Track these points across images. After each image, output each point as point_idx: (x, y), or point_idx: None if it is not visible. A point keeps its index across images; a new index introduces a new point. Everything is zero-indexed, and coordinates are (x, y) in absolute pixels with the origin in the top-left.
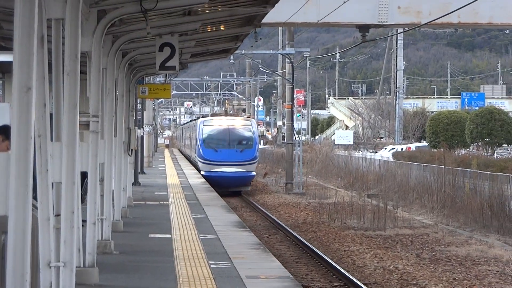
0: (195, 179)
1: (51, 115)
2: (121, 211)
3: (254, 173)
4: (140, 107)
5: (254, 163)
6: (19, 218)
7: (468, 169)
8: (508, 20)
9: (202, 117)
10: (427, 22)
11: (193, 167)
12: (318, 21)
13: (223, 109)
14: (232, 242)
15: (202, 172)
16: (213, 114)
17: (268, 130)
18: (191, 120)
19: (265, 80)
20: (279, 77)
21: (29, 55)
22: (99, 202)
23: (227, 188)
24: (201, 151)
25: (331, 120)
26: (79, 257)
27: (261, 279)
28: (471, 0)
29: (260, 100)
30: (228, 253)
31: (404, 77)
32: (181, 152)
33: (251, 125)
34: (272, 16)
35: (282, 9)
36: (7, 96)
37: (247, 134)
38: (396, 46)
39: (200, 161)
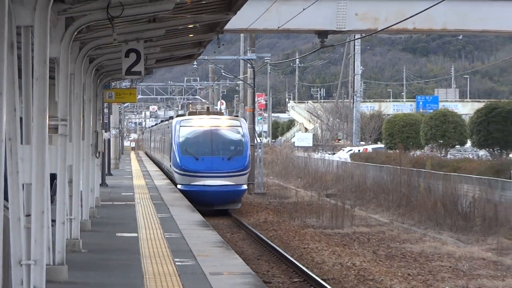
0: (161, 180)
1: (21, 119)
2: (89, 211)
3: (245, 186)
4: (107, 111)
5: (245, 174)
6: None
7: (423, 170)
8: (461, 26)
9: (178, 116)
10: (384, 28)
11: (159, 170)
12: (278, 27)
13: (204, 107)
14: (196, 240)
15: (179, 186)
16: (192, 113)
17: None
18: (161, 121)
19: (228, 84)
20: (241, 81)
21: (1, 61)
22: (68, 202)
23: (212, 206)
24: (177, 159)
25: (291, 123)
26: (49, 255)
27: (224, 275)
28: (426, 7)
29: (222, 104)
30: (192, 251)
31: (361, 81)
32: (149, 157)
33: (241, 126)
34: (234, 22)
35: (244, 16)
36: None
37: (236, 137)
38: (354, 51)
39: (176, 172)
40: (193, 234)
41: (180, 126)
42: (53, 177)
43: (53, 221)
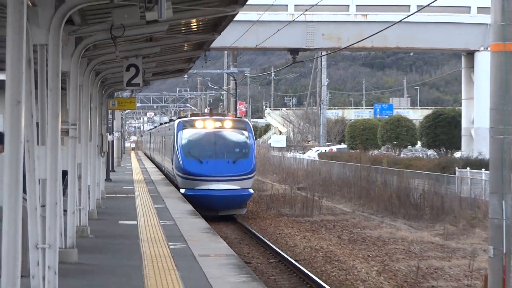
0: (157, 176)
1: (37, 123)
2: (96, 202)
3: (251, 190)
4: (111, 117)
5: (251, 177)
6: (11, 208)
7: (380, 166)
8: (412, 44)
9: (179, 118)
10: (346, 47)
11: (155, 167)
12: (256, 45)
13: (207, 109)
14: (187, 227)
15: (182, 190)
16: (194, 114)
17: None
18: (161, 124)
19: (213, 94)
20: (225, 92)
21: (18, 74)
22: (77, 195)
23: (216, 211)
24: (180, 162)
25: (267, 127)
26: (61, 240)
27: (211, 257)
28: (382, 29)
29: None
30: (183, 236)
31: (327, 91)
32: (147, 156)
33: (246, 128)
34: (219, 42)
35: (227, 36)
36: (0, 108)
37: (241, 139)
38: (321, 66)
39: (179, 176)
40: (185, 221)
41: (183, 128)
42: (64, 173)
43: (65, 211)
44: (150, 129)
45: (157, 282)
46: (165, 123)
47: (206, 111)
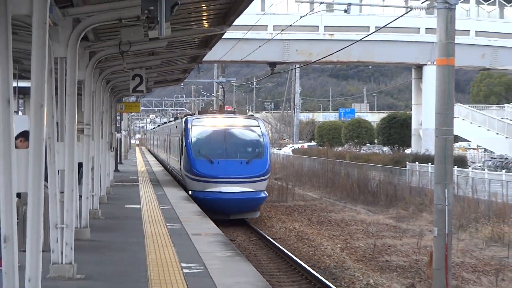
0: (157, 167)
1: (57, 123)
2: (106, 189)
3: (265, 193)
4: (119, 118)
5: (265, 179)
6: (35, 194)
7: (343, 160)
8: (370, 59)
9: (187, 115)
10: (316, 60)
11: (155, 160)
12: (241, 59)
13: (215, 105)
14: (182, 210)
15: (191, 192)
16: (202, 112)
17: None
18: (164, 123)
19: (205, 99)
20: (214, 97)
21: (41, 82)
22: (91, 183)
23: (227, 214)
24: (189, 162)
25: None
26: (76, 221)
27: (202, 235)
28: (346, 46)
29: None
30: (179, 218)
31: (300, 97)
32: (150, 152)
33: (259, 126)
34: (210, 56)
35: (217, 51)
36: (26, 110)
37: (255, 138)
38: (294, 76)
39: (188, 177)
40: (180, 206)
41: (192, 126)
42: (80, 165)
43: (80, 196)
44: (153, 128)
45: (156, 256)
46: (170, 121)
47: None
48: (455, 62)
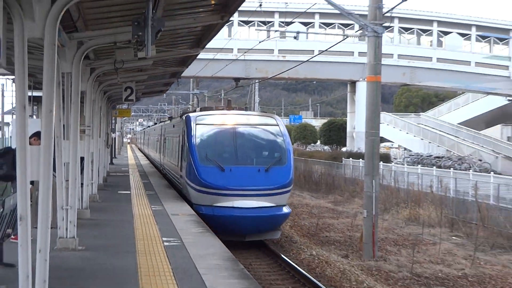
0: (144, 161)
1: (64, 125)
2: (103, 178)
3: (288, 209)
4: (114, 121)
5: (288, 191)
6: (45, 182)
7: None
8: (315, 76)
9: (186, 112)
10: (271, 77)
11: (143, 156)
12: (212, 75)
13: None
14: (164, 195)
15: (197, 207)
16: (206, 108)
17: None
18: (160, 121)
19: (183, 107)
20: (190, 106)
21: (51, 92)
22: (91, 173)
23: (243, 235)
24: (194, 170)
25: None
26: (79, 203)
27: (179, 215)
28: (294, 66)
29: None
30: (161, 201)
31: (258, 106)
32: (139, 149)
33: (278, 125)
34: (187, 72)
35: (193, 68)
36: (39, 115)
37: (274, 140)
38: (254, 89)
39: (192, 187)
40: (162, 191)
41: (196, 124)
42: (82, 159)
43: (82, 184)
44: (143, 129)
45: (143, 231)
46: (164, 120)
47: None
48: (382, 79)
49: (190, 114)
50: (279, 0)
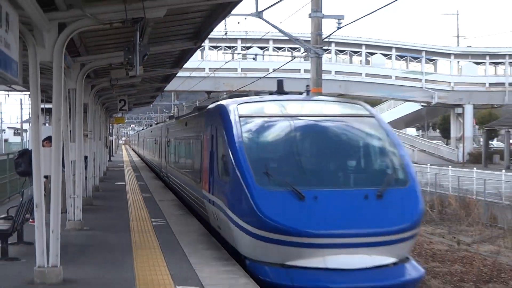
0: (136, 158)
1: (70, 131)
2: (103, 172)
3: (416, 267)
4: (111, 127)
5: (416, 233)
6: (56, 176)
7: None
8: (270, 89)
9: (218, 101)
10: (235, 90)
11: (135, 154)
12: (189, 89)
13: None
14: (152, 185)
15: (250, 262)
16: (235, 95)
17: None
18: (165, 121)
19: (167, 115)
20: (171, 115)
21: (59, 105)
22: (93, 168)
23: None
24: (247, 196)
25: None
26: (84, 192)
27: (165, 201)
28: (254, 81)
29: None
30: (150, 190)
31: None
32: (132, 149)
33: (374, 116)
34: (169, 87)
35: (173, 84)
36: (50, 123)
37: (378, 141)
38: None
39: (242, 228)
40: (151, 183)
41: (241, 118)
42: (85, 157)
43: (86, 177)
44: (137, 131)
45: (136, 214)
46: (171, 117)
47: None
48: (322, 90)
49: (225, 103)
50: (241, 29)
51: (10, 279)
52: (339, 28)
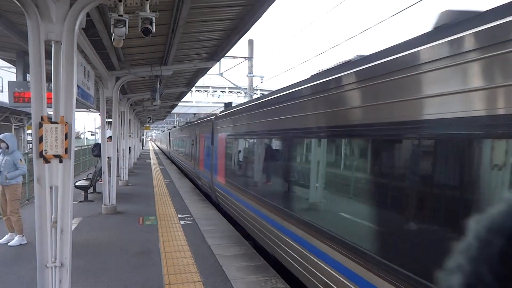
0: (157, 149)
1: (122, 133)
2: (139, 155)
3: None
4: (142, 131)
5: None
6: (115, 156)
7: None
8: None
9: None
10: (207, 112)
11: (156, 147)
12: (184, 112)
13: None
14: (172, 173)
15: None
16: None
17: None
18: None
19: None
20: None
21: (116, 119)
22: (134, 153)
23: None
24: None
25: None
26: (129, 165)
27: (183, 188)
28: (219, 107)
29: None
30: (171, 178)
31: None
32: (157, 146)
33: None
34: (174, 110)
35: (176, 109)
36: (111, 129)
37: None
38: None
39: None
40: (172, 174)
41: None
42: (129, 148)
43: (129, 157)
44: (169, 129)
45: (156, 177)
46: (206, 117)
47: None
48: None
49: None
50: (213, 82)
51: (89, 211)
52: (262, 82)
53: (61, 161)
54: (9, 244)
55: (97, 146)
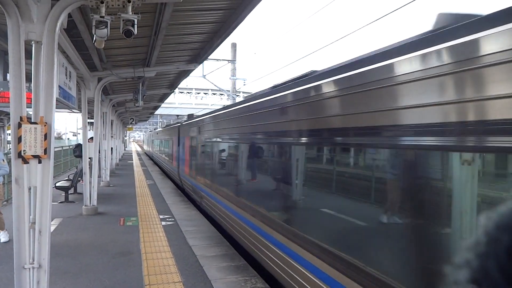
0: (138, 149)
1: (104, 134)
2: (121, 156)
3: None
4: (125, 132)
5: None
6: (96, 157)
7: None
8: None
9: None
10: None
11: (137, 148)
12: (167, 113)
13: None
14: (155, 176)
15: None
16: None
17: None
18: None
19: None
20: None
21: (98, 120)
22: (116, 154)
23: None
24: None
25: None
26: (110, 166)
27: (165, 189)
28: (202, 109)
29: None
30: (154, 179)
31: None
32: (139, 146)
33: None
34: (159, 111)
35: (159, 110)
36: (92, 129)
37: None
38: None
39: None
40: (154, 175)
41: None
42: (111, 148)
43: (111, 158)
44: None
45: (138, 178)
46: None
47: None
48: None
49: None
50: (196, 84)
51: (70, 212)
52: (244, 85)
53: (40, 162)
54: None
55: (78, 147)
